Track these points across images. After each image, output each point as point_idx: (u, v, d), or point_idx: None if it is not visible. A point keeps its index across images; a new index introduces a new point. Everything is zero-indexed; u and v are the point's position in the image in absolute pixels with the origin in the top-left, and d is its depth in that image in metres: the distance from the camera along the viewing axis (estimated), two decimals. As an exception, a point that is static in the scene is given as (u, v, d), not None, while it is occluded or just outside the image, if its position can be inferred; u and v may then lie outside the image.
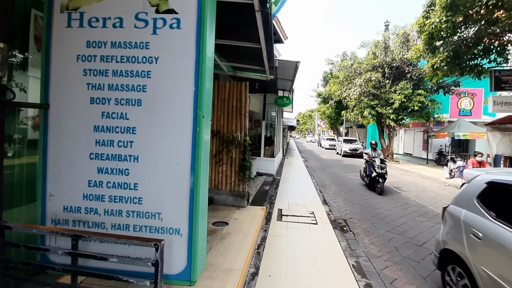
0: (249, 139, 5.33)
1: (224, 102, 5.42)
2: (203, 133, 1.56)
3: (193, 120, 1.56)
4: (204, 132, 1.57)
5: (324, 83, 26.98)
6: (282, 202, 6.22)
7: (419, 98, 14.71)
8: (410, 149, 21.89)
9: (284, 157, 17.76)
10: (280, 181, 8.89)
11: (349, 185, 9.22)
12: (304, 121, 72.93)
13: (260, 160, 9.81)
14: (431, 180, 11.02)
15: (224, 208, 5.14)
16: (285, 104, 9.44)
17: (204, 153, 1.58)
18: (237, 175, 5.34)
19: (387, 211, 6.23)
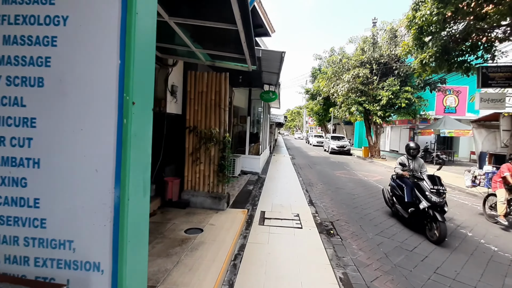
0: (229, 136, 4.87)
1: (201, 95, 4.92)
2: (134, 127, 1.08)
3: (117, 108, 1.09)
4: (136, 125, 1.09)
5: (312, 79, 26.72)
6: (265, 203, 5.81)
7: (406, 95, 14.65)
8: (396, 146, 22.02)
9: (271, 154, 17.39)
10: (265, 180, 8.49)
11: (336, 184, 8.93)
12: (292, 118, 72.94)
13: (245, 158, 9.37)
14: (418, 178, 10.91)
15: (201, 211, 4.67)
16: (271, 99, 9.02)
17: (137, 156, 1.11)
18: (216, 175, 4.88)
19: (375, 211, 5.94)
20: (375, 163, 15.67)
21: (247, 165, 9.43)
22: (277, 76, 7.47)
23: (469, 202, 7.26)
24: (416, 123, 18.20)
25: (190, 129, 4.92)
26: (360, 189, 8.27)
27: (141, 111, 1.17)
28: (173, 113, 5.10)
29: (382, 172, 12.21)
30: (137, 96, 1.12)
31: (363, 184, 9.02)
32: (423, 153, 16.55)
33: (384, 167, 14.06)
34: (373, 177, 10.59)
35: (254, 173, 9.26)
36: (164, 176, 4.87)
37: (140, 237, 1.22)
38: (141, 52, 1.14)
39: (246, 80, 8.18)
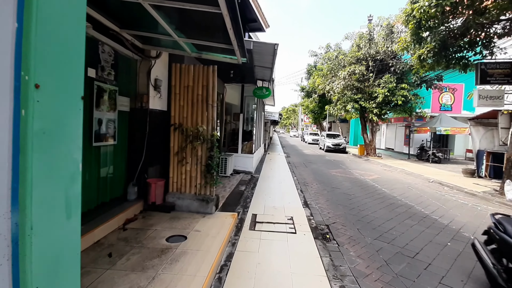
0: (217, 134, 4.51)
1: (187, 89, 4.55)
2: (40, 122, 0.72)
3: (13, 93, 0.73)
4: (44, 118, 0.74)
5: (307, 76, 26.41)
6: (258, 205, 5.48)
7: (402, 92, 14.42)
8: (391, 144, 21.88)
9: (266, 152, 17.07)
10: (259, 179, 8.16)
11: (332, 183, 8.64)
12: (288, 116, 72.73)
13: (238, 156, 9.03)
14: (415, 177, 10.71)
15: (186, 216, 4.32)
16: (265, 95, 8.66)
17: (48, 163, 0.75)
18: (203, 176, 4.52)
19: (373, 213, 5.65)
20: (371, 161, 15.46)
21: (240, 164, 9.09)
22: (271, 71, 7.12)
23: (468, 202, 7.03)
24: (412, 121, 18.03)
25: (175, 126, 4.55)
26: (357, 188, 7.99)
27: (54, 98, 0.81)
28: (157, 110, 4.72)
29: (378, 171, 11.97)
30: (46, 75, 0.76)
31: (359, 184, 8.76)
32: (419, 151, 16.41)
33: (380, 166, 13.84)
34: (370, 176, 10.34)
35: (247, 173, 8.92)
36: (147, 178, 4.50)
37: (61, 279, 0.86)
38: (54, 10, 0.78)
39: (238, 76, 7.81)
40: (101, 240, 3.33)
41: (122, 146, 4.36)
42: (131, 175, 4.45)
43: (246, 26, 8.73)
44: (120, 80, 4.15)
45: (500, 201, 6.87)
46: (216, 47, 3.93)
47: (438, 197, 7.34)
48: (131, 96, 4.45)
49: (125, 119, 4.39)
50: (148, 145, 4.49)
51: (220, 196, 5.66)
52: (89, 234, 3.18)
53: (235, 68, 6.74)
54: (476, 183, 9.21)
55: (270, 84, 8.90)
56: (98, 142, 3.67)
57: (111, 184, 4.10)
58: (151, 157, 4.60)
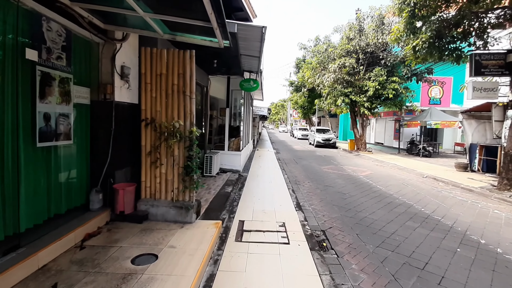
0: (197, 130, 3.87)
1: (160, 78, 3.88)
2: None
3: None
4: None
5: (296, 71, 25.90)
6: (245, 209, 4.90)
7: (393, 85, 14.13)
8: (381, 138, 21.78)
9: (255, 148, 16.51)
10: (247, 179, 7.58)
11: (324, 181, 8.17)
12: (276, 111, 72.32)
13: (224, 154, 8.40)
14: (408, 172, 10.42)
15: (161, 226, 3.69)
16: (252, 88, 8.04)
17: None
18: (181, 179, 3.89)
19: (371, 214, 5.19)
20: (362, 156, 15.17)
21: (227, 162, 8.48)
22: (258, 61, 6.50)
23: (467, 198, 6.71)
24: (401, 115, 17.88)
25: (146, 122, 3.88)
26: (351, 186, 7.55)
27: None
28: (125, 102, 4.03)
29: (370, 166, 11.64)
30: None
31: (353, 181, 8.33)
32: (409, 145, 16.27)
33: (372, 161, 13.55)
34: (362, 172, 9.96)
35: (235, 171, 8.32)
36: (113, 183, 3.83)
37: None
38: None
39: (223, 66, 7.16)
40: (49, 264, 2.66)
41: (82, 146, 3.66)
42: (95, 180, 3.76)
43: (232, 15, 8.05)
44: (76, 67, 3.43)
45: (499, 197, 6.58)
46: (192, 26, 3.28)
47: (436, 194, 6.99)
48: (93, 86, 3.74)
49: (85, 114, 3.68)
50: (114, 144, 3.81)
51: (204, 200, 5.04)
52: (30, 258, 2.51)
53: (218, 56, 6.09)
54: (470, 177, 8.98)
55: (258, 76, 8.29)
56: (46, 142, 2.97)
57: (67, 192, 3.41)
58: (119, 158, 3.92)
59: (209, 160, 7.25)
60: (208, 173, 7.30)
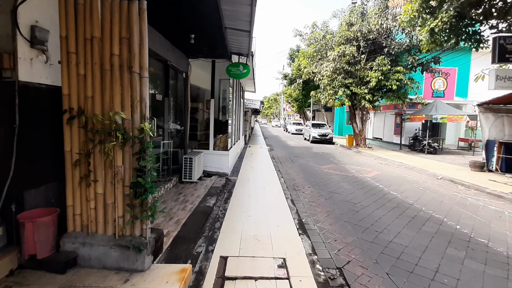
0: (149, 128, 2.50)
1: (92, 45, 2.47)
2: None
3: None
4: None
5: (290, 62, 24.51)
6: (231, 235, 3.59)
7: (397, 76, 12.94)
8: (380, 133, 20.75)
9: (247, 145, 15.18)
10: (236, 185, 6.25)
11: (327, 185, 6.93)
12: (269, 105, 70.91)
13: (209, 154, 7.05)
14: (418, 172, 9.28)
15: (95, 280, 2.33)
16: (242, 74, 6.67)
17: None
18: (127, 204, 2.52)
19: (397, 237, 3.96)
20: (362, 153, 14.03)
21: (213, 164, 7.13)
22: (248, 37, 5.11)
23: (501, 208, 5.58)
24: (403, 108, 16.80)
25: (71, 114, 2.48)
26: (359, 192, 6.33)
27: None
28: (41, 84, 2.61)
29: (375, 165, 10.47)
30: None
31: (360, 185, 7.11)
32: (412, 141, 15.22)
33: (374, 158, 12.41)
34: (368, 173, 8.77)
35: (222, 175, 6.99)
36: (21, 209, 2.44)
37: None
38: None
39: (204, 45, 5.74)
40: None
41: (-41, 154, 2.25)
42: (-12, 206, 2.36)
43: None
44: None
45: (540, 207, 5.46)
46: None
47: (462, 203, 5.83)
48: (-22, 56, 2.31)
49: (-35, 100, 2.27)
50: (22, 148, 2.41)
51: (174, 223, 3.70)
52: None
53: (196, 29, 4.68)
54: (491, 179, 7.88)
55: (249, 60, 6.90)
56: None
57: None
58: (31, 171, 2.52)
59: (189, 163, 5.88)
60: (187, 179, 5.94)
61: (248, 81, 12.13)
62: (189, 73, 6.64)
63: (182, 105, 6.68)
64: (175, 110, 6.62)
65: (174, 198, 4.81)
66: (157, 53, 4.78)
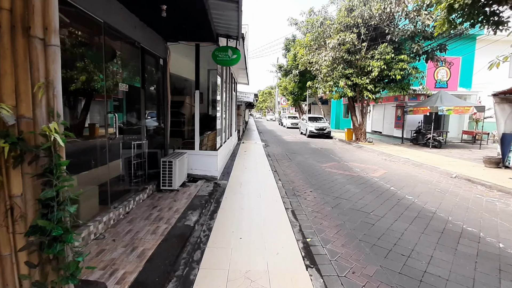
0: (62, 132, 1.50)
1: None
2: None
3: None
4: None
5: (285, 53, 23.40)
6: (213, 276, 2.63)
7: (401, 65, 12.01)
8: (379, 126, 19.94)
9: (240, 141, 14.19)
10: (225, 192, 5.29)
11: (332, 188, 6.02)
12: (263, 99, 69.67)
13: (194, 155, 6.06)
14: (429, 170, 8.45)
15: None
16: (232, 60, 5.64)
17: None
18: (30, 260, 1.53)
19: (431, 263, 3.05)
20: (363, 148, 13.17)
21: (199, 166, 6.14)
22: (237, 11, 4.08)
23: (537, 215, 4.75)
24: (404, 100, 15.95)
25: None
26: (370, 197, 5.44)
27: None
28: None
29: (380, 163, 9.61)
30: None
31: (369, 187, 6.23)
32: (415, 135, 14.42)
33: (377, 154, 11.56)
34: (374, 172, 7.90)
35: (209, 179, 6.01)
36: None
37: None
38: None
39: (182, 21, 4.68)
40: None
41: None
42: None
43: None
44: None
45: None
46: None
47: (492, 209, 4.98)
48: None
49: None
50: None
51: (136, 256, 2.72)
52: None
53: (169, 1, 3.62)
54: None
55: (239, 44, 5.86)
56: None
57: None
58: None
59: (168, 168, 4.89)
60: (167, 186, 4.95)
61: (241, 71, 11.08)
62: (168, 59, 5.58)
63: (161, 97, 5.64)
64: (152, 104, 5.59)
65: (146, 214, 3.82)
66: (117, 29, 3.72)
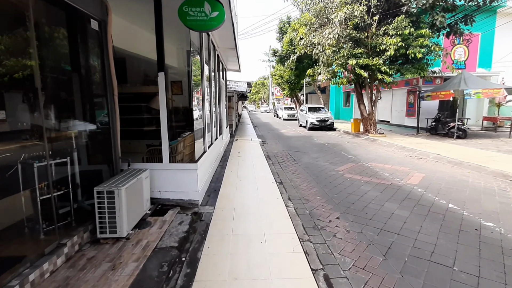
0: None
1: None
2: None
3: None
4: None
5: (280, 36, 21.20)
6: None
7: (421, 41, 10.05)
8: (386, 115, 18.11)
9: (233, 138, 12.18)
10: (208, 235, 3.30)
11: (367, 211, 4.12)
12: (257, 90, 67.23)
13: (162, 170, 4.05)
14: (475, 170, 6.62)
15: None
16: (210, 22, 3.57)
17: None
18: None
19: None
20: (377, 142, 11.31)
21: (171, 186, 4.13)
22: None
23: None
24: (418, 84, 14.08)
25: None
26: (432, 228, 3.56)
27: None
28: None
29: (407, 161, 7.75)
30: None
31: (419, 206, 4.35)
32: (433, 124, 12.62)
33: (396, 149, 9.71)
34: (409, 177, 6.03)
35: (186, 206, 4.02)
36: None
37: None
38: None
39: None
40: None
41: None
42: None
43: None
44: None
45: None
46: None
47: None
48: None
49: None
50: None
51: None
52: None
53: None
54: None
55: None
56: None
57: None
58: None
59: (107, 203, 2.86)
60: (107, 234, 2.94)
61: (230, 54, 8.97)
62: (108, 22, 3.48)
63: (104, 85, 3.56)
64: (90, 95, 3.54)
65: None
66: None
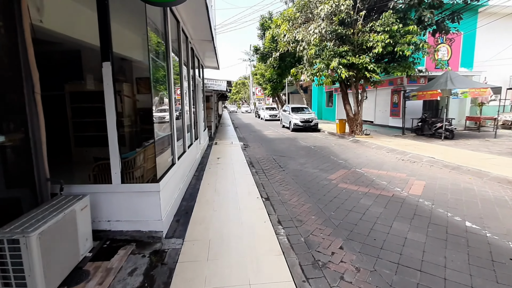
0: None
1: None
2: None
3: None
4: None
5: (261, 33, 20.42)
6: None
7: (409, 38, 9.62)
8: (370, 115, 17.86)
9: (213, 141, 11.18)
10: (172, 286, 2.36)
11: (374, 235, 3.35)
12: (237, 90, 66.14)
13: (114, 194, 3.01)
14: (476, 176, 6.12)
15: None
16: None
17: None
18: None
19: None
20: (365, 144, 10.78)
21: (124, 215, 3.12)
22: None
23: None
24: (402, 84, 13.82)
25: None
26: (458, 258, 2.84)
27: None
28: None
29: (401, 166, 7.18)
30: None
31: (433, 226, 3.65)
32: (419, 124, 12.33)
33: (386, 152, 9.19)
34: (409, 186, 5.39)
35: (144, 242, 3.03)
36: None
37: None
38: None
39: None
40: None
41: None
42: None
43: None
44: None
45: None
46: None
47: None
48: None
49: None
50: None
51: None
52: None
53: None
54: None
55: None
56: None
57: None
58: None
59: (8, 258, 1.84)
60: (10, 306, 1.91)
61: (207, 48, 8.00)
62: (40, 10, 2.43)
63: (14, 78, 2.50)
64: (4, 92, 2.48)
65: None
66: None
